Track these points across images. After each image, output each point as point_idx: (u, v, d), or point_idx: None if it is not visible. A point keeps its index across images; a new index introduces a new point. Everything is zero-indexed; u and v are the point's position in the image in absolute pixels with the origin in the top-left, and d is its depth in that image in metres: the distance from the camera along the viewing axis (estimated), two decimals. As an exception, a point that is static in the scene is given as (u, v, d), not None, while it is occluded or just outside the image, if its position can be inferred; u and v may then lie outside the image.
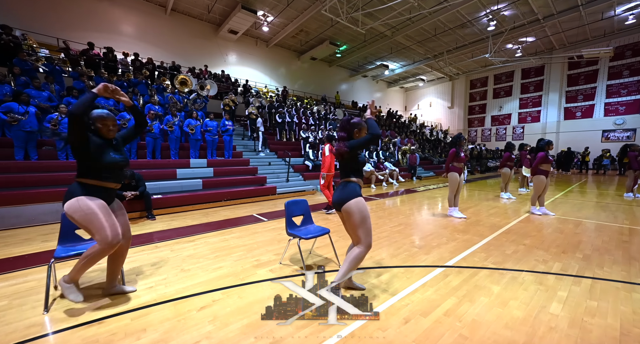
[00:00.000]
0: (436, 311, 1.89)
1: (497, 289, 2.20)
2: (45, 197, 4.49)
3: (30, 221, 4.33)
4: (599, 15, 15.26)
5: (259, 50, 18.12)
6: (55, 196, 4.57)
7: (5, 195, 4.22)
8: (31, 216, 4.33)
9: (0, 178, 4.46)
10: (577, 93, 19.51)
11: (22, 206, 4.28)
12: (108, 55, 9.91)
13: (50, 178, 4.89)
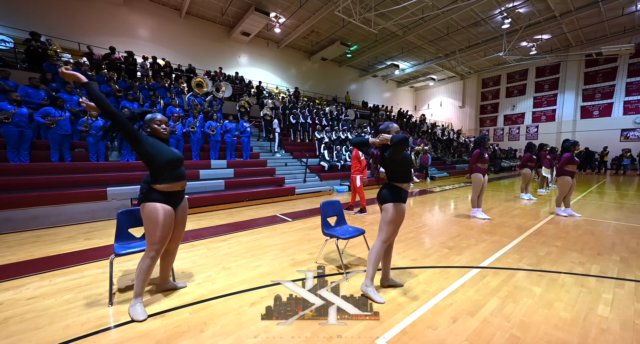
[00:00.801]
0: (482, 311, 1.94)
1: (538, 290, 2.23)
2: (81, 198, 4.70)
3: (69, 219, 4.55)
4: (619, 11, 14.82)
5: (270, 51, 18.31)
6: (89, 197, 4.78)
7: (48, 195, 4.45)
8: (70, 215, 4.55)
9: (41, 179, 4.70)
10: (594, 91, 18.99)
11: (62, 206, 4.50)
12: (128, 59, 10.22)
13: (84, 179, 5.11)
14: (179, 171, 2.06)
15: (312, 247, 3.37)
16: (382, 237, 2.17)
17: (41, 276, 2.61)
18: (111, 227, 4.38)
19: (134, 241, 2.52)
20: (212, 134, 7.21)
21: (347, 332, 1.74)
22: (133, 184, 5.47)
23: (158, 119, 2.04)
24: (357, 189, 5.12)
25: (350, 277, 2.53)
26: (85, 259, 3.02)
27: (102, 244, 3.57)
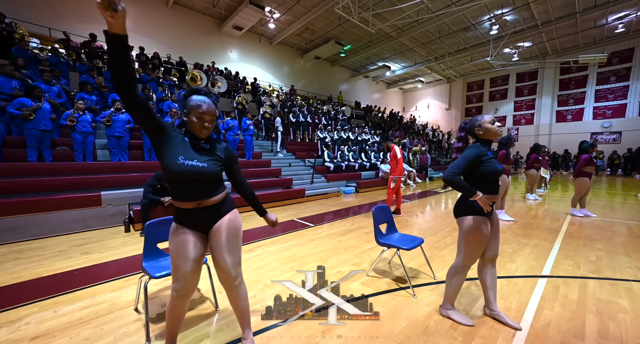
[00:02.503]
0: (588, 333, 1.74)
1: (624, 303, 2.10)
2: (70, 204, 4.05)
3: (55, 230, 3.89)
4: (592, 23, 15.88)
5: (263, 47, 17.70)
6: (80, 202, 4.14)
7: (29, 202, 3.77)
8: (56, 224, 3.90)
9: (18, 182, 3.99)
10: (568, 97, 20.28)
11: (47, 214, 3.83)
12: (111, 49, 9.28)
13: (71, 182, 4.43)
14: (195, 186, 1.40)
15: (352, 257, 3.07)
16: (460, 257, 1.87)
17: (40, 305, 2.09)
18: (109, 237, 3.80)
19: (164, 257, 2.09)
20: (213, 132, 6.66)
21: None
22: (131, 187, 4.85)
23: (203, 109, 1.36)
24: (390, 191, 4.86)
25: (415, 293, 2.26)
26: (91, 280, 2.51)
27: (105, 259, 3.04)
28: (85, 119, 5.10)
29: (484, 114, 1.82)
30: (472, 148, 1.78)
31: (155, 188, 4.07)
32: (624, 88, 18.11)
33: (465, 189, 1.71)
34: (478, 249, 1.81)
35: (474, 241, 1.79)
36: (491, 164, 1.74)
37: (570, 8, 14.22)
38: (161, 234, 2.08)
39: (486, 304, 1.96)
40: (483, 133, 1.78)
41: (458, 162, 1.75)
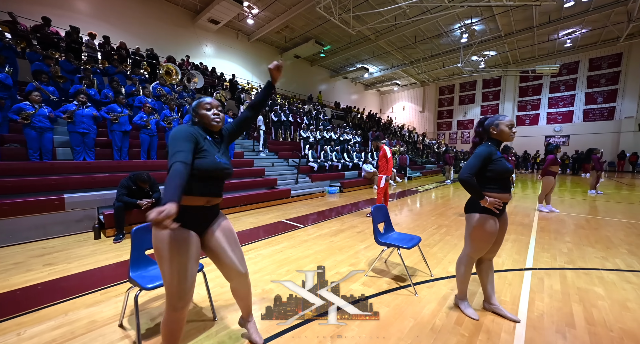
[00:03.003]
0: (578, 321, 1.87)
1: (600, 290, 2.30)
2: (27, 209, 3.55)
3: (8, 238, 3.39)
4: (546, 37, 17.55)
5: (240, 43, 17.14)
6: (39, 207, 3.65)
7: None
8: (9, 232, 3.39)
9: (-40, 184, 3.42)
10: (526, 103, 22.22)
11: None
12: (72, 36, 8.40)
13: (27, 184, 3.90)
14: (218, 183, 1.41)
15: (348, 257, 3.04)
16: (466, 250, 1.96)
17: (1, 327, 1.78)
18: (75, 246, 3.40)
19: (153, 265, 1.89)
20: (191, 129, 6.28)
21: None
22: (99, 189, 4.39)
23: (207, 101, 1.43)
24: (380, 190, 4.90)
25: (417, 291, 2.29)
26: (61, 295, 2.20)
27: (75, 270, 2.70)
28: (42, 113, 4.52)
29: (506, 116, 1.86)
30: (484, 146, 1.83)
31: (130, 190, 3.71)
32: (572, 96, 20.26)
33: (477, 192, 1.75)
34: (484, 246, 1.87)
35: (479, 237, 1.85)
36: (501, 163, 1.80)
37: (528, 22, 15.57)
38: (150, 241, 1.88)
39: (485, 299, 2.03)
40: (497, 133, 1.84)
41: (471, 163, 1.79)
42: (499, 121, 1.84)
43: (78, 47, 8.37)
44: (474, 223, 1.86)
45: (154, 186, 3.93)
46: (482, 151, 1.82)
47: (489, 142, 1.89)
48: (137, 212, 3.89)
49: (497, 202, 1.74)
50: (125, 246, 3.39)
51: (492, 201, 1.74)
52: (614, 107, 18.62)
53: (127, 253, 3.13)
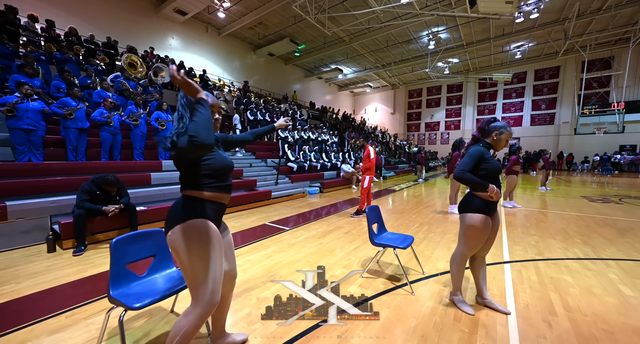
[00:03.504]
0: (558, 310, 2.04)
1: (568, 278, 2.54)
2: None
3: None
4: (500, 48, 19.34)
5: (210, 38, 16.28)
6: (-27, 216, 3.07)
7: None
8: None
9: None
10: (484, 108, 24.29)
11: None
12: (7, 16, 7.25)
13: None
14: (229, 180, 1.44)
15: (340, 259, 3.01)
16: (460, 248, 2.03)
17: None
18: (24, 262, 2.91)
19: (136, 281, 1.67)
20: (161, 128, 5.78)
21: None
22: (51, 194, 3.83)
23: (210, 101, 1.33)
24: (364, 190, 4.92)
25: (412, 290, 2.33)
26: (14, 322, 1.85)
27: (27, 291, 2.30)
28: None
29: (511, 127, 1.94)
30: (478, 147, 1.91)
31: (93, 195, 3.28)
32: (521, 103, 22.59)
33: (478, 183, 1.82)
34: (477, 244, 1.95)
35: (473, 236, 1.92)
36: (494, 162, 1.89)
37: (486, 34, 17.02)
38: (132, 253, 1.66)
39: (478, 294, 2.13)
40: (496, 139, 1.92)
41: (466, 161, 1.86)
42: (506, 130, 1.93)
43: (15, 29, 7.24)
44: (468, 222, 1.93)
45: (121, 190, 3.53)
46: (475, 151, 1.91)
47: (481, 143, 1.98)
48: (102, 221, 3.46)
49: (498, 192, 1.83)
50: (88, 258, 2.99)
51: (497, 191, 1.82)
52: (554, 113, 21.14)
53: (92, 267, 2.76)
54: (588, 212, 5.46)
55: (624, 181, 12.25)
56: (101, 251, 3.21)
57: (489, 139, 1.97)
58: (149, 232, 1.80)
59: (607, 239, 3.75)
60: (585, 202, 6.60)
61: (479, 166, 1.90)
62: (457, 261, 2.05)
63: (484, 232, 1.91)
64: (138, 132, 5.46)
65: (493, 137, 1.96)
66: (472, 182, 1.84)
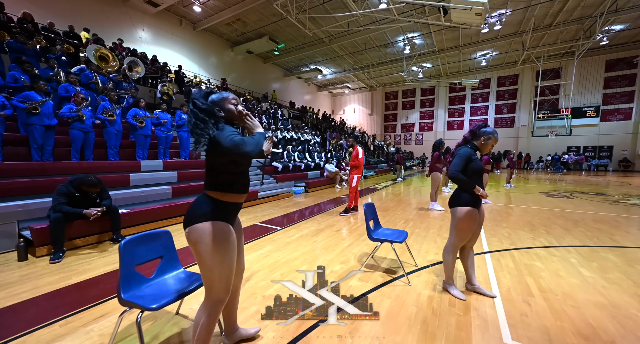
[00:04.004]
0: (534, 291, 2.32)
1: (539, 264, 2.88)
2: None
3: None
4: (468, 55, 20.78)
5: (184, 32, 15.56)
6: None
7: None
8: None
9: None
10: (454, 111, 25.89)
11: None
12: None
13: None
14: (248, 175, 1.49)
15: (336, 256, 3.11)
16: (451, 239, 2.23)
17: None
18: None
19: (145, 282, 1.63)
20: (139, 126, 5.47)
21: (475, 337, 1.71)
22: (18, 198, 3.48)
23: (232, 97, 1.41)
24: (352, 189, 5.04)
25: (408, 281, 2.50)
26: (3, 334, 1.70)
27: (5, 303, 2.10)
28: None
29: (497, 134, 2.17)
30: (466, 149, 2.12)
31: (72, 197, 3.05)
32: (486, 107, 24.41)
33: (468, 184, 2.03)
34: (467, 235, 2.16)
35: (464, 227, 2.13)
36: (479, 162, 2.11)
37: (456, 42, 18.18)
38: (140, 255, 1.62)
39: (468, 281, 2.35)
40: (483, 143, 2.14)
41: (457, 162, 2.07)
42: (493, 136, 2.16)
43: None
44: (459, 215, 2.13)
45: (103, 192, 3.32)
46: (464, 152, 2.13)
47: (470, 145, 2.20)
48: (80, 225, 3.22)
49: (484, 192, 2.06)
50: (69, 266, 2.78)
51: (483, 192, 2.05)
52: (514, 117, 23.13)
53: (76, 274, 2.58)
54: (547, 206, 6.12)
55: (571, 178, 13.81)
56: (82, 257, 2.99)
57: (477, 142, 2.20)
58: (156, 233, 1.76)
59: (564, 229, 4.26)
60: (543, 197, 7.38)
61: (467, 165, 2.11)
62: (449, 252, 2.24)
63: (473, 224, 2.12)
64: (113, 130, 5.11)
65: (481, 141, 2.18)
66: (463, 182, 2.05)
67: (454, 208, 2.19)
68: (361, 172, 5.08)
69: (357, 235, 3.92)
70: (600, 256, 3.12)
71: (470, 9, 8.52)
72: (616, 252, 3.24)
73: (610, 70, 19.50)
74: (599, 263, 2.91)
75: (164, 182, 5.20)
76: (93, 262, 2.87)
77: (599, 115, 19.81)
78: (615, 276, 2.59)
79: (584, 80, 19.95)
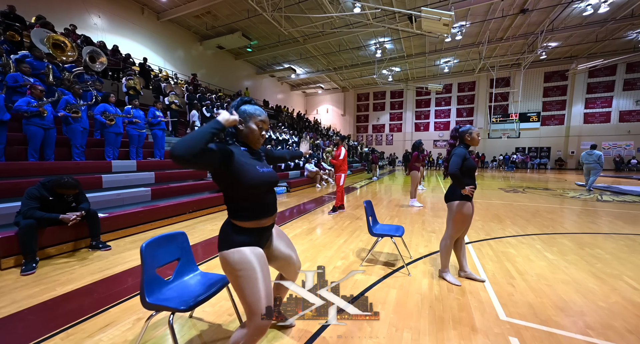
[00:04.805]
0: (513, 274, 2.65)
1: (512, 251, 3.28)
2: None
3: None
4: (433, 62, 22.32)
5: (147, 22, 14.42)
6: None
7: None
8: None
9: None
10: (421, 113, 27.59)
11: None
12: None
13: None
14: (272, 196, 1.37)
15: (335, 252, 3.22)
16: (448, 231, 2.47)
17: None
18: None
19: (166, 285, 1.57)
20: (109, 124, 4.99)
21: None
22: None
23: (262, 118, 1.30)
24: (340, 188, 5.15)
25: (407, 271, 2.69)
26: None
27: (-24, 324, 1.84)
28: None
29: (474, 126, 2.41)
30: (461, 149, 2.36)
31: (45, 201, 2.72)
32: (448, 110, 26.42)
33: (461, 183, 2.26)
34: (463, 226, 2.41)
35: (460, 219, 2.37)
36: (472, 161, 2.36)
37: (422, 48, 19.40)
38: (160, 257, 1.56)
39: (460, 268, 2.60)
40: (470, 140, 2.38)
41: (456, 161, 2.29)
42: (472, 130, 2.42)
43: None
44: (456, 209, 2.37)
45: (80, 195, 3.01)
46: (461, 152, 2.37)
47: (462, 145, 2.45)
48: (54, 231, 2.89)
49: (472, 189, 2.31)
50: (47, 276, 2.48)
51: (469, 189, 2.29)
52: (472, 120, 25.36)
53: (60, 285, 2.33)
54: (507, 200, 6.89)
55: (519, 175, 15.63)
56: (60, 267, 2.69)
57: (465, 141, 2.45)
58: (172, 234, 1.70)
59: (525, 220, 4.87)
60: (502, 193, 8.28)
61: (462, 163, 2.36)
62: (446, 243, 2.48)
63: (469, 216, 2.38)
64: (78, 128, 4.61)
65: (467, 138, 2.44)
66: (460, 181, 2.28)
67: (450, 202, 2.42)
68: (346, 172, 5.23)
69: (350, 232, 4.07)
70: (557, 241, 3.65)
71: (439, 19, 9.20)
72: (568, 238, 3.81)
73: (548, 81, 22.45)
74: (558, 247, 3.41)
75: (141, 184, 4.83)
76: (75, 271, 2.60)
77: (540, 120, 22.72)
78: (572, 258, 3.06)
79: (529, 89, 22.64)
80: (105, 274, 2.56)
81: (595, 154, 7.80)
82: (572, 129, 21.93)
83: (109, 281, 2.45)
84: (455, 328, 1.80)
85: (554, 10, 13.90)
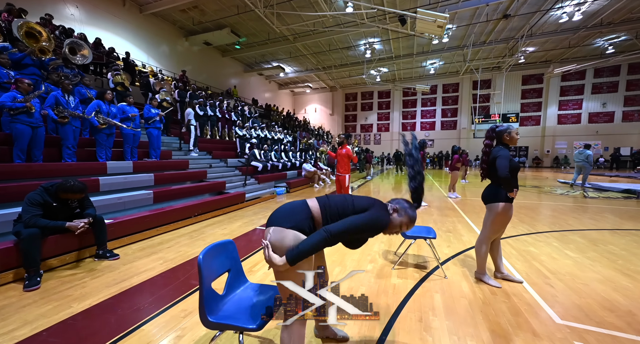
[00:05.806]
0: (547, 273, 2.67)
1: (533, 249, 3.34)
2: None
3: None
4: (420, 63, 22.85)
5: (129, 14, 13.58)
6: None
7: None
8: None
9: None
10: (408, 113, 28.16)
11: None
12: None
13: None
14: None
15: (361, 255, 3.14)
16: (485, 233, 2.44)
17: None
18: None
19: (221, 300, 1.40)
20: (101, 126, 4.57)
21: (531, 319, 1.91)
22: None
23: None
24: (346, 189, 5.05)
25: (442, 274, 2.65)
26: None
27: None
28: None
29: (512, 125, 2.38)
30: (503, 150, 2.32)
31: (48, 208, 2.41)
32: (434, 111, 27.16)
33: (511, 186, 2.22)
34: (501, 228, 2.39)
35: (501, 221, 2.35)
36: (515, 161, 2.33)
37: (410, 50, 19.77)
38: (214, 269, 1.38)
39: (496, 269, 2.59)
40: (509, 140, 2.36)
41: (505, 163, 2.23)
42: (510, 129, 2.39)
43: None
44: (499, 210, 2.34)
45: (85, 200, 2.70)
46: (505, 153, 2.32)
47: (501, 146, 2.42)
48: (57, 240, 2.57)
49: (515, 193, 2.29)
50: (54, 292, 2.19)
51: (516, 191, 2.27)
52: (456, 120, 26.27)
53: (74, 301, 2.06)
54: (504, 198, 7.12)
55: (505, 173, 16.34)
56: (68, 280, 2.39)
57: (504, 141, 2.43)
58: (223, 244, 1.52)
59: (530, 217, 5.03)
60: (496, 191, 8.56)
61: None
62: (483, 244, 2.45)
63: (509, 218, 2.36)
64: (69, 127, 4.19)
65: (505, 138, 2.41)
66: (510, 183, 2.24)
67: (491, 204, 2.39)
68: (349, 172, 5.14)
69: (368, 234, 3.99)
70: (570, 238, 3.78)
71: (434, 21, 9.36)
72: (577, 234, 3.96)
73: (525, 84, 23.71)
74: (574, 244, 3.53)
75: (140, 186, 4.47)
76: (86, 284, 2.32)
77: (519, 120, 23.89)
78: (592, 255, 3.16)
79: (509, 91, 23.74)
80: (122, 287, 2.30)
81: (584, 153, 8.28)
82: (547, 130, 23.29)
83: (129, 294, 2.20)
84: (517, 334, 1.76)
85: (533, 16, 14.65)
